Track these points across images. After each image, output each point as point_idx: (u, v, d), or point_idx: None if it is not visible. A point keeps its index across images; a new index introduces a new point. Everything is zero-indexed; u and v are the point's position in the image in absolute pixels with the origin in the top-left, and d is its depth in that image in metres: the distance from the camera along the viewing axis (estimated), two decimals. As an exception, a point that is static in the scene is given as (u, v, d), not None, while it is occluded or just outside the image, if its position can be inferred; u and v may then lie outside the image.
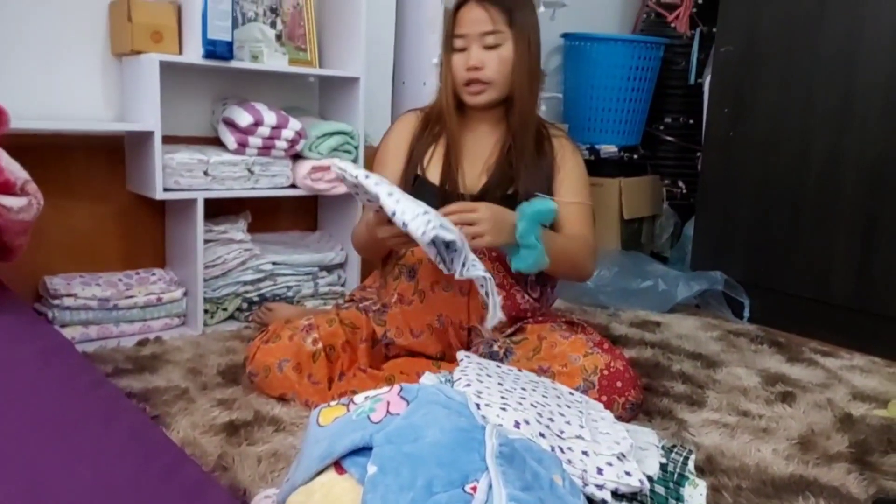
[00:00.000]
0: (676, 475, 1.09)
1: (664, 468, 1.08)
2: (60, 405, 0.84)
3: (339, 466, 0.81)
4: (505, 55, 1.46)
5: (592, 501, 0.93)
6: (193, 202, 1.79)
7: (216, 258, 1.89)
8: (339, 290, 2.10)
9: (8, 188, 1.21)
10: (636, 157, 2.78)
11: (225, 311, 1.91)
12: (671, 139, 2.82)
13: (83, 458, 0.75)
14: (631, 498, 0.96)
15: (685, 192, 2.82)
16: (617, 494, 0.95)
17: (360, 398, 0.90)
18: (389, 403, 0.86)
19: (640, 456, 1.06)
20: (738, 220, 2.26)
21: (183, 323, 1.87)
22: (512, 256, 1.31)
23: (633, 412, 1.36)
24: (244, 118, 1.82)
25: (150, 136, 1.71)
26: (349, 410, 0.88)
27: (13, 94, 1.69)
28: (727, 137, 2.28)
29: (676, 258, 2.66)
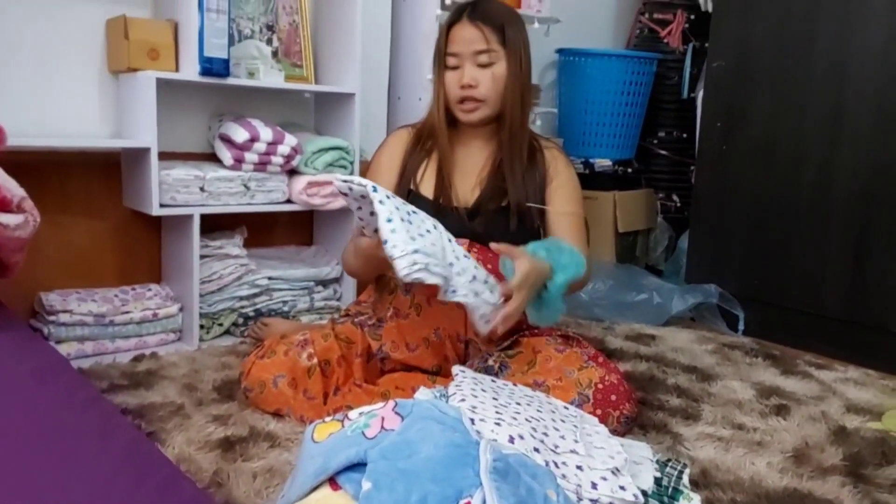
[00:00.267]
0: (671, 489, 1.09)
1: (658, 482, 1.09)
2: (55, 423, 0.84)
3: (333, 482, 0.81)
4: (498, 73, 1.48)
5: (587, 516, 0.94)
6: (190, 218, 1.79)
7: (212, 273, 1.90)
8: (334, 304, 2.11)
9: (4, 205, 1.22)
10: (630, 170, 2.80)
11: (221, 326, 1.91)
12: (665, 153, 2.85)
13: (78, 475, 0.75)
14: (625, 512, 0.97)
15: (679, 205, 2.84)
16: (611, 509, 0.95)
17: (354, 414, 0.91)
18: (384, 419, 0.87)
19: (634, 470, 1.06)
20: (731, 233, 2.27)
21: (179, 338, 1.88)
22: (533, 312, 1.33)
23: (627, 426, 1.36)
24: (240, 134, 1.84)
25: (146, 152, 1.72)
26: (344, 426, 0.88)
27: (10, 111, 1.70)
28: (720, 151, 2.29)
29: (671, 271, 2.67)
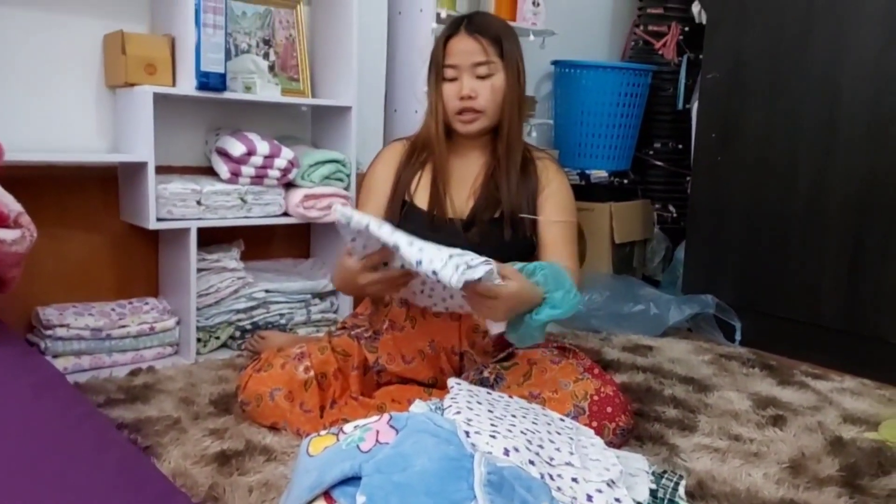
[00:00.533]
0: (667, 501, 1.09)
1: (654, 494, 1.09)
2: (49, 439, 0.84)
3: (328, 496, 0.81)
4: (497, 85, 1.49)
5: (582, 528, 0.94)
6: (187, 231, 1.80)
7: (209, 287, 1.90)
8: (331, 317, 2.11)
9: (1, 221, 1.22)
10: (626, 181, 2.82)
11: (218, 339, 1.91)
12: (661, 164, 2.86)
13: (71, 492, 0.75)
14: (621, 524, 0.97)
15: (676, 215, 2.85)
16: (606, 521, 0.95)
17: (349, 427, 0.91)
18: (379, 432, 0.87)
19: (629, 482, 1.06)
20: (728, 243, 2.28)
21: (176, 352, 1.88)
22: (512, 329, 1.30)
23: (623, 437, 1.37)
24: (237, 148, 1.84)
25: (143, 166, 1.73)
26: (339, 440, 0.89)
27: (8, 126, 1.71)
28: (715, 162, 2.31)
29: (668, 282, 2.67)
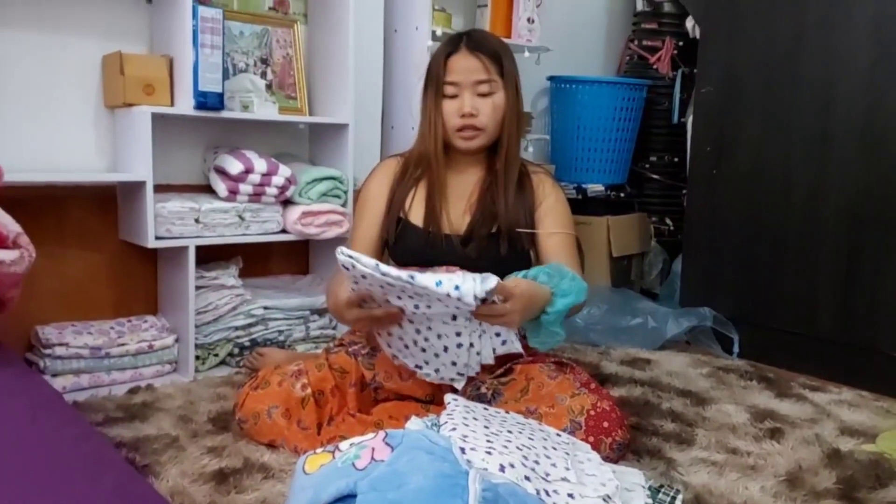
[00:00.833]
0: (663, 515, 1.09)
1: (651, 509, 1.09)
2: (46, 459, 0.85)
3: (323, 515, 0.82)
4: (498, 102, 1.51)
5: (578, 544, 0.94)
6: (185, 249, 1.81)
7: (207, 304, 1.90)
8: (330, 333, 2.12)
9: (0, 241, 1.23)
10: (623, 195, 2.83)
11: (216, 356, 1.91)
12: (657, 177, 2.87)
13: (69, 512, 0.76)
14: (617, 540, 0.97)
15: (672, 228, 2.86)
16: (602, 537, 0.95)
17: (345, 445, 0.91)
18: (374, 450, 0.88)
19: (626, 497, 1.07)
20: (724, 256, 2.29)
21: (174, 370, 1.88)
22: (532, 336, 1.34)
23: (620, 452, 1.37)
24: (235, 166, 1.86)
25: (142, 185, 1.74)
26: (335, 457, 0.89)
27: (7, 146, 1.72)
28: (711, 175, 2.32)
29: (666, 295, 2.67)
